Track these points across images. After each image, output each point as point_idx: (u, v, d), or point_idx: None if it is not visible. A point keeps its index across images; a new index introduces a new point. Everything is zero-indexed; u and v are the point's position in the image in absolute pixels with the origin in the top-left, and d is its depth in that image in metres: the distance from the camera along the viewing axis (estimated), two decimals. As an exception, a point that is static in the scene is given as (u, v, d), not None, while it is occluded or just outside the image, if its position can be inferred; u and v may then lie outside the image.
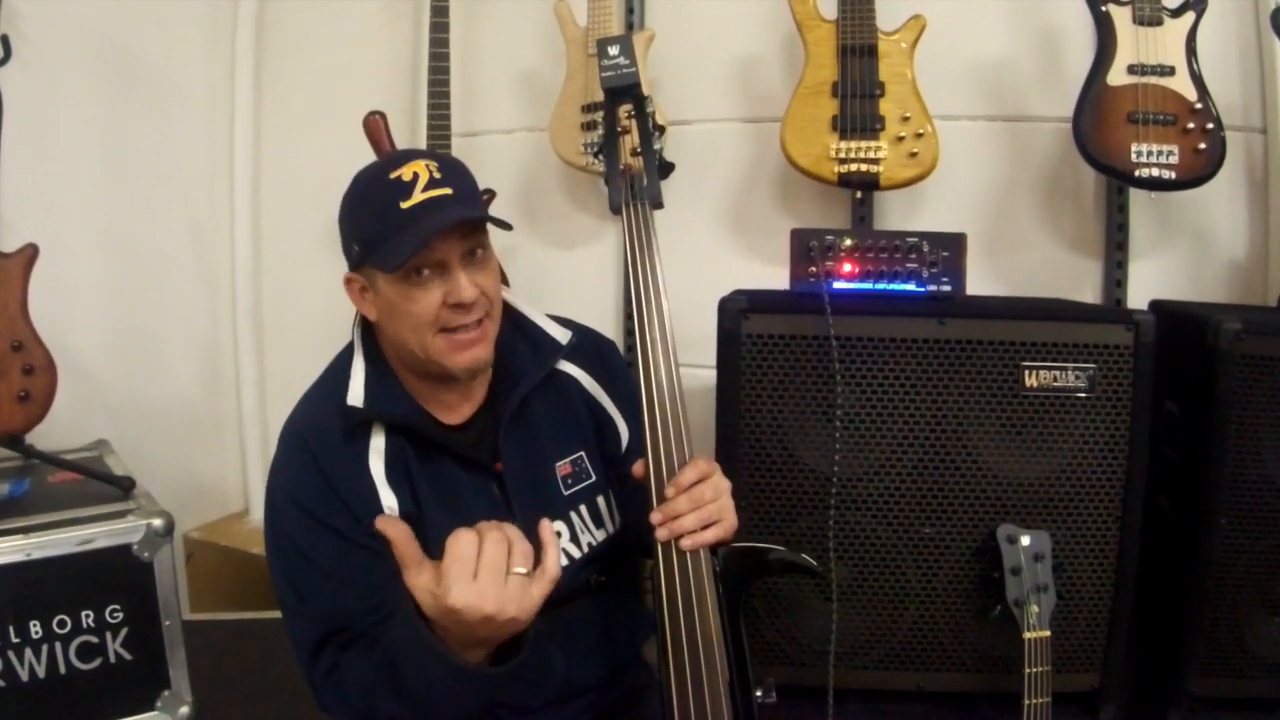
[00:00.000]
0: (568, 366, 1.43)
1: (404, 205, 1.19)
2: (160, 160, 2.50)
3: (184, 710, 1.68)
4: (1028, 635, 1.40)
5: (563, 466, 1.37)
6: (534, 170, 2.46)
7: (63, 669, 1.59)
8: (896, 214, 2.21)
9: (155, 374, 2.53)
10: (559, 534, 1.32)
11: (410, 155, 1.25)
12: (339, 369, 1.33)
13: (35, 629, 1.57)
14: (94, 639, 1.61)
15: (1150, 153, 1.80)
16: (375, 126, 2.19)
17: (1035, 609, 1.41)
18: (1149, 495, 1.53)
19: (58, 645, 1.59)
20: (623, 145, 1.37)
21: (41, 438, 2.06)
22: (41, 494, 1.82)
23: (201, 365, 2.67)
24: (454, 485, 1.28)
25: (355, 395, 1.27)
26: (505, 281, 2.29)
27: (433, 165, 1.22)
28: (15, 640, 1.55)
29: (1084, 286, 2.15)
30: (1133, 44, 1.82)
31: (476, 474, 1.31)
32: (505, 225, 1.26)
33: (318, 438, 1.25)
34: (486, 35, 2.50)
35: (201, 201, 2.63)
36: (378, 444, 1.26)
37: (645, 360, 1.24)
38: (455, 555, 1.02)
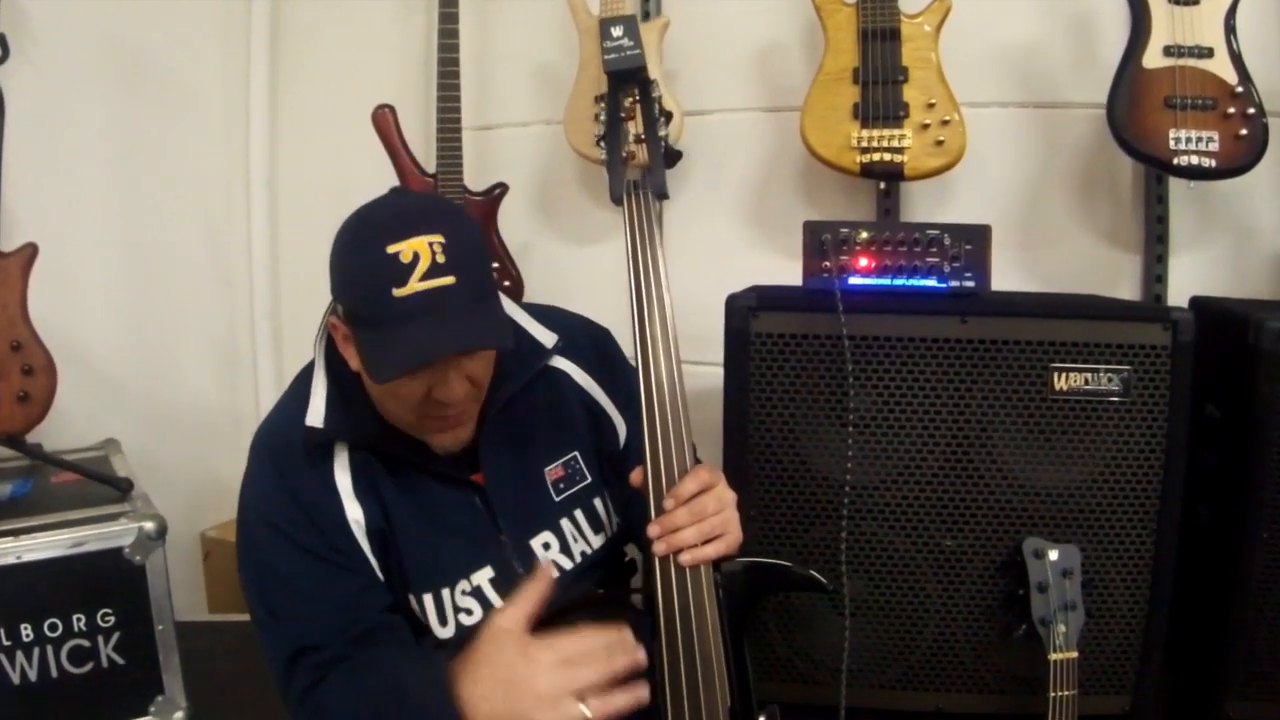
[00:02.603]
0: (559, 362, 1.36)
1: (397, 293, 1.05)
2: (174, 160, 2.47)
3: (178, 715, 1.66)
4: (1054, 656, 1.33)
5: (553, 471, 1.31)
6: (550, 164, 2.41)
7: (54, 672, 1.57)
8: (924, 206, 2.12)
9: (172, 373, 2.51)
10: (547, 545, 1.27)
11: (415, 226, 1.08)
12: (303, 383, 1.26)
13: (26, 632, 1.55)
14: (86, 643, 1.59)
15: (1189, 139, 1.70)
16: (384, 121, 2.16)
17: (1062, 628, 1.34)
18: (1187, 504, 1.46)
19: (49, 648, 1.57)
20: (628, 132, 1.30)
21: (56, 438, 2.05)
22: (42, 495, 1.80)
23: (219, 364, 2.65)
24: (430, 499, 1.22)
25: (315, 415, 1.20)
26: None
27: (438, 245, 1.06)
28: (6, 643, 1.54)
29: (1122, 282, 2.05)
30: (1168, 24, 1.72)
31: (454, 487, 1.25)
32: (507, 345, 1.16)
33: (283, 451, 1.20)
34: (502, 27, 2.44)
35: (217, 200, 2.61)
36: (342, 457, 1.20)
37: (645, 361, 1.17)
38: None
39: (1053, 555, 1.37)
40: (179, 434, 2.46)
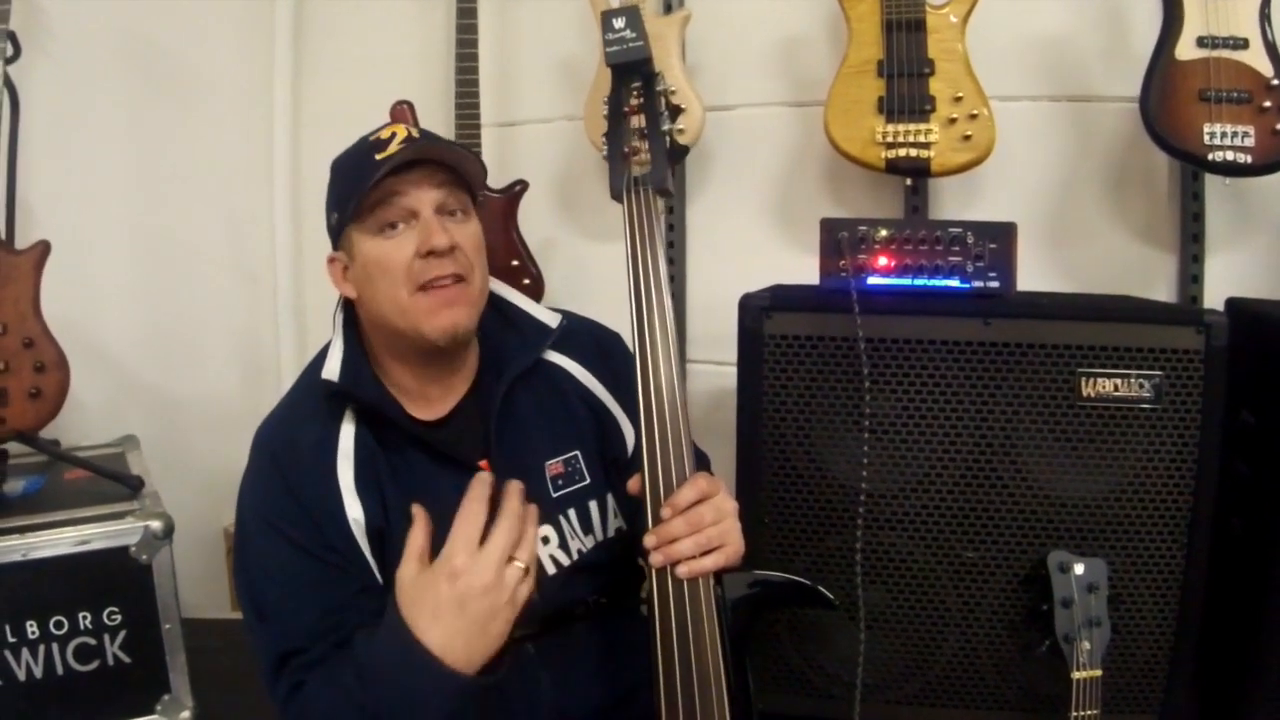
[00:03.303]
0: (557, 358, 1.33)
1: (379, 157, 1.16)
2: (194, 155, 2.47)
3: (184, 715, 1.66)
4: (1077, 675, 1.27)
5: (553, 466, 1.28)
6: (573, 160, 2.37)
7: (60, 670, 1.59)
8: (953, 203, 2.06)
9: (195, 368, 2.52)
10: (546, 540, 1.25)
11: (393, 124, 1.24)
12: (317, 359, 1.27)
13: (32, 629, 1.57)
14: (92, 641, 1.60)
15: (1223, 134, 1.62)
16: (402, 116, 2.15)
17: (1087, 646, 1.28)
18: (1219, 516, 1.39)
19: (55, 646, 1.58)
20: (633, 127, 1.26)
21: (77, 434, 2.06)
22: (53, 492, 1.82)
23: (241, 358, 2.65)
24: (430, 486, 1.19)
25: (331, 370, 1.22)
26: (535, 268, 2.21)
27: (414, 130, 1.21)
28: (12, 640, 1.55)
29: (1157, 282, 1.98)
30: (1201, 14, 1.65)
31: (456, 472, 1.21)
32: (473, 161, 1.23)
33: (285, 447, 1.19)
34: (524, 21, 2.42)
35: (238, 195, 2.60)
36: (346, 444, 1.19)
37: (644, 364, 1.13)
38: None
39: (1078, 569, 1.31)
40: (203, 429, 2.46)
